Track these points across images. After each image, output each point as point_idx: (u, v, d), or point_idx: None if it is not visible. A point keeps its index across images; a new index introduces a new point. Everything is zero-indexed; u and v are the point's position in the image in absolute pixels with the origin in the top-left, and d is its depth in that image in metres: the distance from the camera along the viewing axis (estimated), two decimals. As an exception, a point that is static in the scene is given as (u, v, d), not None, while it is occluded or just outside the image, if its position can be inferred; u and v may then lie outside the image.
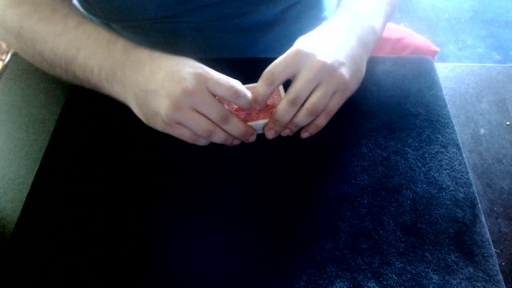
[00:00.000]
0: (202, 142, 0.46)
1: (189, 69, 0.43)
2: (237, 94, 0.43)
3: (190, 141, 0.45)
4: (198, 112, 0.43)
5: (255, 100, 0.46)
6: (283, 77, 0.45)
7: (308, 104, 0.45)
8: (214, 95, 0.44)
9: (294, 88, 0.45)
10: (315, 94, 0.45)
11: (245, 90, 0.44)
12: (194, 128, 0.43)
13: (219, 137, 0.45)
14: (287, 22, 0.63)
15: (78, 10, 0.50)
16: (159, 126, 0.45)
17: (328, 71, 0.44)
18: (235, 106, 0.48)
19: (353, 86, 0.48)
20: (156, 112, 0.43)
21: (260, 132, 0.49)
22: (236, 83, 0.44)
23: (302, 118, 0.46)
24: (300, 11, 0.63)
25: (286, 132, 0.48)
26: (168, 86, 0.42)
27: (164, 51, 0.47)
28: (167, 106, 0.42)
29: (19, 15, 0.48)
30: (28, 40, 0.48)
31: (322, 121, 0.47)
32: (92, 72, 0.46)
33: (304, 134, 0.49)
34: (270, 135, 0.47)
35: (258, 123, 0.47)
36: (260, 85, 0.45)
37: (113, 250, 0.41)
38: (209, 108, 0.43)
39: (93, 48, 0.45)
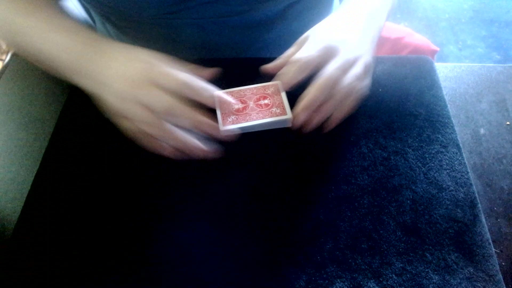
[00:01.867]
0: (145, 141, 0.44)
1: (139, 63, 0.43)
2: (190, 87, 0.43)
3: (134, 136, 0.44)
4: (143, 105, 0.42)
5: (283, 80, 0.47)
6: (312, 65, 0.46)
7: (339, 87, 0.46)
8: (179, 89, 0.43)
9: (328, 72, 0.45)
10: (346, 76, 0.46)
11: (199, 82, 0.44)
12: (137, 122, 0.43)
13: (162, 134, 0.43)
14: (288, 20, 0.63)
15: (59, 4, 0.52)
16: (111, 118, 0.45)
17: (350, 61, 0.46)
18: (237, 106, 0.49)
19: (367, 82, 0.50)
20: (106, 104, 0.44)
21: (261, 129, 0.49)
22: (189, 76, 0.43)
23: (330, 105, 0.46)
24: (301, 9, 0.63)
25: (315, 122, 0.47)
26: (115, 79, 0.43)
27: (165, 47, 0.47)
28: (112, 98, 0.43)
29: (1, 11, 0.49)
30: (10, 33, 0.49)
31: (350, 104, 0.48)
32: (59, 60, 0.46)
33: (326, 129, 0.49)
34: (300, 118, 0.46)
35: (258, 122, 0.48)
36: (291, 68, 0.46)
37: (113, 250, 0.41)
38: (153, 100, 0.42)
39: (55, 40, 0.46)
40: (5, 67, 0.60)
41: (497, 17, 1.94)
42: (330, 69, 0.46)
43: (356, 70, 0.47)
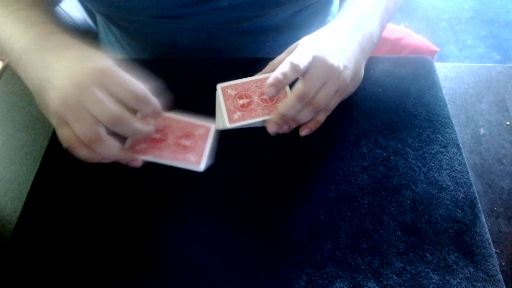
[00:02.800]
0: (82, 153, 0.39)
1: (91, 63, 0.39)
2: (138, 99, 0.39)
3: (68, 143, 0.39)
4: (88, 112, 0.38)
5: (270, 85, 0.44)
6: (293, 77, 0.45)
7: (314, 101, 0.46)
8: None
9: (304, 85, 0.45)
10: (321, 92, 0.46)
11: (149, 96, 0.40)
12: (76, 128, 0.38)
13: (103, 148, 0.39)
14: (295, 27, 0.63)
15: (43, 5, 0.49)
16: (49, 118, 0.41)
17: (335, 73, 0.45)
18: (241, 102, 0.49)
19: (351, 89, 0.51)
20: (46, 104, 0.40)
21: (259, 125, 0.49)
22: (140, 88, 0.40)
23: (306, 114, 0.46)
24: (308, 15, 0.63)
25: (284, 129, 0.47)
26: (60, 77, 0.39)
27: (169, 50, 0.46)
28: (54, 99, 0.38)
29: None
30: None
31: (322, 118, 0.49)
32: (8, 55, 0.44)
33: (305, 131, 0.48)
34: (272, 129, 0.47)
35: (260, 119, 0.48)
36: (270, 83, 0.44)
37: (113, 250, 0.41)
38: (98, 106, 0.37)
39: (11, 32, 0.44)
40: (5, 67, 0.60)
41: (497, 17, 1.94)
42: (305, 83, 0.45)
43: (328, 88, 0.46)
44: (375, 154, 0.48)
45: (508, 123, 0.53)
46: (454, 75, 0.59)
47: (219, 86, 0.50)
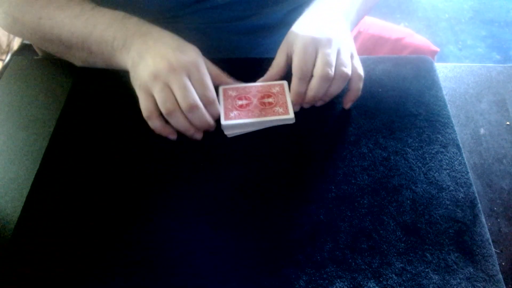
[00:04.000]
0: (155, 122, 0.47)
1: (186, 55, 0.46)
2: (209, 102, 0.47)
3: (147, 113, 0.46)
4: (171, 91, 0.45)
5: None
6: (279, 62, 0.51)
7: (316, 71, 0.47)
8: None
9: (296, 64, 0.48)
10: (318, 60, 0.47)
11: (216, 103, 0.48)
12: (159, 100, 0.45)
13: (177, 121, 0.46)
14: (290, 25, 0.63)
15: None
16: (136, 88, 0.47)
17: (318, 39, 0.48)
18: (240, 102, 0.49)
19: (348, 40, 0.51)
20: (138, 75, 0.46)
21: (262, 127, 0.49)
22: (212, 94, 0.47)
23: (316, 87, 0.48)
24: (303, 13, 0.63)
25: (320, 103, 0.51)
26: (159, 58, 0.45)
27: None
28: (148, 72, 0.45)
29: (36, 9, 0.52)
30: (47, 27, 0.52)
31: (356, 85, 0.50)
32: (107, 43, 0.50)
33: (348, 104, 0.51)
34: (298, 107, 0.51)
35: (260, 119, 0.48)
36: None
37: (113, 250, 0.41)
38: (181, 91, 0.44)
39: (109, 23, 0.50)
40: (5, 67, 0.60)
41: (497, 17, 1.94)
42: (321, 61, 0.47)
43: (344, 55, 0.48)
44: (375, 154, 0.48)
45: (508, 123, 0.53)
46: (454, 75, 0.59)
47: (221, 88, 0.51)
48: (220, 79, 0.52)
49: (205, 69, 0.47)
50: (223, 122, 0.48)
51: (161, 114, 0.46)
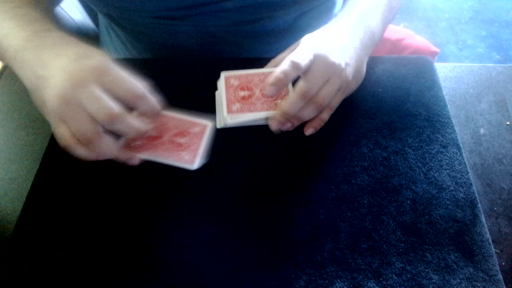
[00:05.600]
0: (79, 151, 0.39)
1: (89, 61, 0.39)
2: (136, 96, 0.39)
3: (66, 142, 0.39)
4: (85, 111, 0.37)
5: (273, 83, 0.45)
6: (294, 75, 0.45)
7: (317, 99, 0.46)
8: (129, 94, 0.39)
9: (306, 83, 0.45)
10: (324, 90, 0.46)
11: (146, 93, 0.40)
12: (73, 127, 0.38)
13: (100, 147, 0.39)
14: (299, 29, 0.63)
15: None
16: (46, 117, 0.40)
17: (337, 70, 0.46)
18: (242, 93, 0.48)
19: (353, 86, 0.50)
20: (44, 102, 0.39)
21: (261, 123, 0.49)
22: (138, 86, 0.40)
23: (309, 111, 0.46)
24: (311, 18, 0.63)
25: (287, 126, 0.47)
26: (58, 75, 0.38)
27: (171, 51, 0.46)
28: (51, 97, 0.38)
29: None
30: None
31: (326, 116, 0.49)
32: (4, 53, 0.43)
33: (309, 130, 0.49)
34: (274, 126, 0.47)
35: (261, 114, 0.47)
36: (271, 82, 0.44)
37: (113, 250, 0.41)
38: (93, 104, 0.37)
39: (8, 28, 0.43)
40: (5, 67, 0.60)
41: (497, 17, 1.94)
42: (308, 80, 0.45)
43: (331, 85, 0.46)
44: (375, 154, 0.48)
45: (508, 123, 0.53)
46: (454, 75, 0.59)
47: (223, 74, 0.49)
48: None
49: (115, 66, 0.39)
50: (225, 115, 0.46)
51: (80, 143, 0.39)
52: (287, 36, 0.63)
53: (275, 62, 0.50)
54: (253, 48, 0.63)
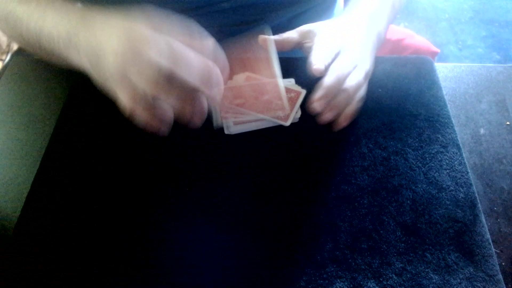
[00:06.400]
0: (142, 116, 0.40)
1: (127, 39, 0.38)
2: (204, 48, 0.40)
3: (132, 110, 0.39)
4: (148, 60, 0.37)
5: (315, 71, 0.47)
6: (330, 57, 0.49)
7: (346, 86, 0.47)
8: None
9: (338, 66, 0.47)
10: (352, 77, 0.48)
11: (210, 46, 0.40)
12: (138, 80, 0.38)
13: (166, 98, 0.38)
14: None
15: None
16: (109, 88, 0.41)
17: (361, 59, 0.49)
18: (237, 101, 0.49)
19: (371, 69, 0.52)
20: (105, 69, 0.40)
21: (261, 127, 0.49)
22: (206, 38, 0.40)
23: (341, 100, 0.48)
24: (308, 19, 0.63)
25: (329, 116, 0.49)
26: (115, 41, 0.39)
27: None
28: (113, 59, 0.38)
29: (5, 2, 0.49)
30: (12, 23, 0.49)
31: (351, 110, 0.50)
32: (53, 41, 0.44)
33: (338, 126, 0.50)
34: (317, 106, 0.47)
35: (254, 117, 0.48)
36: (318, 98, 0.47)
37: (113, 250, 0.41)
38: (141, 81, 0.37)
39: (55, 18, 0.44)
40: (5, 67, 0.60)
41: (497, 17, 1.94)
42: (338, 66, 0.47)
43: (358, 75, 0.48)
44: (375, 154, 0.48)
45: (508, 123, 0.53)
46: (454, 75, 0.59)
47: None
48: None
49: (164, 35, 0.39)
50: (221, 121, 0.48)
51: (145, 105, 0.39)
52: None
53: (282, 41, 0.52)
54: None
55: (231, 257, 0.41)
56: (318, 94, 0.47)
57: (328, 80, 0.47)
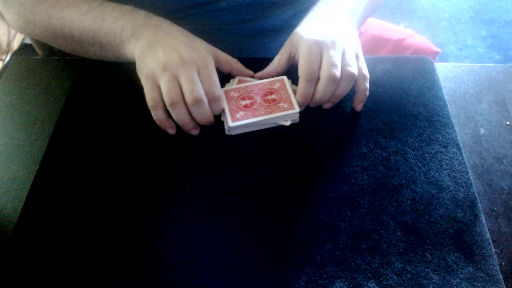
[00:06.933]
0: (159, 113, 0.47)
1: (196, 52, 0.47)
2: (213, 98, 0.47)
3: (153, 103, 0.47)
4: (179, 84, 0.45)
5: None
6: (280, 59, 0.52)
7: (344, 71, 0.48)
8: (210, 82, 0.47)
9: (302, 66, 0.48)
10: (345, 59, 0.48)
11: (221, 100, 0.48)
12: (165, 90, 0.45)
13: (179, 113, 0.46)
14: (294, 29, 0.63)
15: None
16: (142, 77, 0.48)
17: (322, 41, 0.48)
18: (244, 102, 0.50)
19: (353, 40, 0.51)
20: (146, 64, 0.47)
21: (266, 126, 0.50)
22: (219, 91, 0.47)
23: (343, 87, 0.48)
24: None
25: (329, 106, 0.51)
26: (170, 50, 0.46)
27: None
28: (156, 63, 0.46)
29: (46, 9, 0.53)
30: (58, 26, 0.53)
31: (364, 85, 0.50)
32: (116, 34, 0.50)
33: (359, 106, 0.51)
34: (301, 108, 0.50)
35: (264, 117, 0.48)
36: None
37: (113, 250, 0.41)
38: (189, 84, 0.45)
39: (117, 15, 0.50)
40: (5, 67, 0.60)
41: (497, 17, 1.94)
42: (327, 64, 0.47)
43: (349, 56, 0.49)
44: (375, 154, 0.48)
45: (508, 123, 0.53)
46: (454, 75, 0.59)
47: (222, 90, 0.51)
48: (231, 65, 0.53)
49: (214, 67, 0.48)
50: (231, 124, 0.48)
51: (165, 106, 0.47)
52: (283, 34, 0.63)
53: (273, 65, 0.53)
54: (249, 47, 0.63)
55: (231, 257, 0.41)
56: (312, 105, 0.50)
57: (321, 87, 0.48)
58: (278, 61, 0.52)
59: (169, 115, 0.47)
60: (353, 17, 0.54)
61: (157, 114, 0.47)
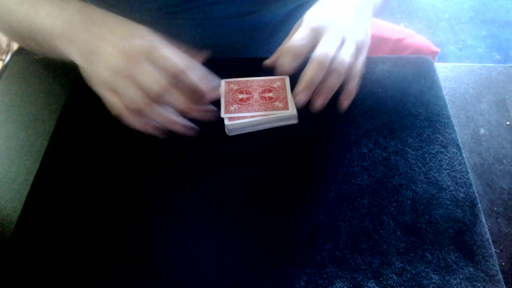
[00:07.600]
0: (131, 118, 0.43)
1: (141, 40, 0.42)
2: (178, 72, 0.42)
3: (118, 110, 0.43)
4: (137, 84, 0.41)
5: (281, 72, 0.47)
6: (305, 50, 0.47)
7: (336, 64, 0.46)
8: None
9: (321, 48, 0.46)
10: (341, 54, 0.46)
11: (194, 62, 0.44)
12: (126, 100, 0.42)
13: (156, 115, 0.43)
14: (294, 23, 0.63)
15: None
16: (96, 88, 0.44)
17: (322, 25, 0.47)
18: (241, 96, 0.50)
19: (359, 30, 0.50)
20: (96, 74, 0.43)
21: (262, 128, 0.49)
22: (185, 58, 0.43)
23: (332, 80, 0.46)
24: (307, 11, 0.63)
25: (319, 102, 0.47)
26: (110, 51, 0.41)
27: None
28: (104, 70, 0.41)
29: None
30: (1, 14, 0.49)
31: (352, 85, 0.49)
32: (46, 31, 0.45)
33: (345, 104, 0.49)
34: (301, 98, 0.46)
35: (255, 113, 0.48)
36: (284, 58, 0.46)
37: (113, 249, 0.41)
38: (146, 79, 0.41)
39: (48, 10, 0.45)
40: (5, 67, 0.60)
41: (497, 17, 1.94)
42: (321, 47, 0.46)
43: (348, 47, 0.47)
44: (375, 154, 0.48)
45: (508, 123, 0.53)
46: (454, 75, 0.59)
47: (223, 81, 0.51)
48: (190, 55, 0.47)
49: (162, 42, 0.43)
50: (222, 115, 0.48)
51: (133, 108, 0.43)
52: (284, 28, 0.63)
53: (278, 54, 0.50)
54: (250, 41, 0.63)
55: (231, 256, 0.41)
56: (300, 87, 0.46)
57: (309, 69, 0.45)
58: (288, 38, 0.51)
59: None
60: (368, 4, 0.53)
61: (129, 120, 0.43)
